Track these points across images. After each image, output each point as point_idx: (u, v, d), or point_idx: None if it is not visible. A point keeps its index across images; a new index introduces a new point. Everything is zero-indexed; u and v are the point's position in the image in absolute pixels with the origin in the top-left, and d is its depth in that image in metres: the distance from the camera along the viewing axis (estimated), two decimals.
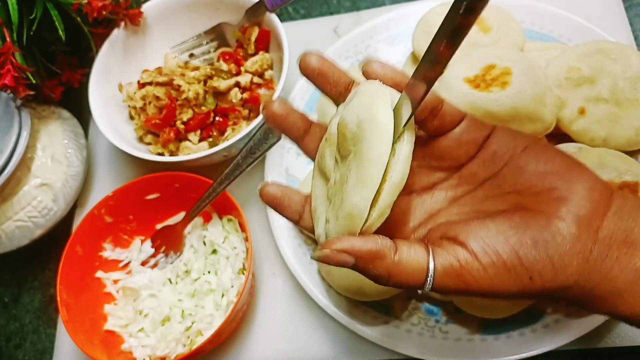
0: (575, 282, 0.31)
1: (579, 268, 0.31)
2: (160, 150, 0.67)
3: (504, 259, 0.31)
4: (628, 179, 0.50)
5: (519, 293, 0.31)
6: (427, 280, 0.31)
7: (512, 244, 0.31)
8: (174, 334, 0.58)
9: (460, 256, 0.31)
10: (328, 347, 0.58)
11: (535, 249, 0.31)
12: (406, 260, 0.31)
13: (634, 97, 0.55)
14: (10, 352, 0.67)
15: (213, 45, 0.74)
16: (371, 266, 0.32)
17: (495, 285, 0.31)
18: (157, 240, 0.65)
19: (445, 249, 0.32)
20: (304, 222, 0.37)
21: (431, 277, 0.31)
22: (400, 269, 0.31)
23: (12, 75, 0.60)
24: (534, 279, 0.31)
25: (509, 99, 0.53)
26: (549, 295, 0.32)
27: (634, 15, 0.68)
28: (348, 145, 0.33)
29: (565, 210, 0.31)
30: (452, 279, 0.31)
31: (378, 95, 0.32)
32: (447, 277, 0.31)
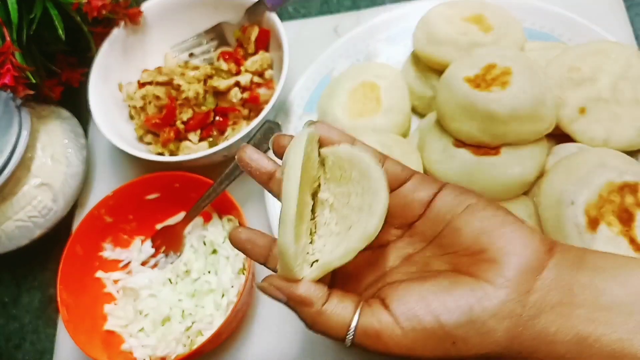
0: (506, 347, 0.30)
1: (509, 333, 0.30)
2: (160, 150, 0.67)
3: (424, 324, 0.31)
4: (628, 179, 0.50)
5: (444, 357, 0.31)
6: (347, 336, 0.32)
7: (433, 308, 0.31)
8: (174, 334, 0.58)
9: (382, 319, 0.32)
10: (328, 347, 0.58)
11: (458, 313, 0.30)
12: (330, 313, 0.32)
13: (634, 97, 0.55)
14: (10, 352, 0.67)
15: (213, 45, 0.74)
16: (298, 310, 0.34)
17: (416, 350, 0.31)
18: (157, 240, 0.65)
19: (372, 310, 0.32)
20: (269, 265, 0.37)
21: (351, 334, 0.32)
22: (323, 320, 0.32)
23: (11, 74, 0.60)
24: (457, 345, 0.30)
25: (509, 98, 0.53)
26: (482, 359, 0.31)
27: (635, 15, 0.68)
28: (348, 185, 0.34)
29: (493, 273, 0.31)
30: (372, 340, 0.32)
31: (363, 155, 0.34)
32: (366, 337, 0.32)
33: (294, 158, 0.32)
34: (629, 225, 0.48)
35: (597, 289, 0.29)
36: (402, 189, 0.35)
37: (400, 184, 0.35)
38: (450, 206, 0.33)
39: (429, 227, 0.34)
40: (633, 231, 0.47)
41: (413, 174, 0.35)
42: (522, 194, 0.56)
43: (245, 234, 0.38)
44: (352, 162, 0.33)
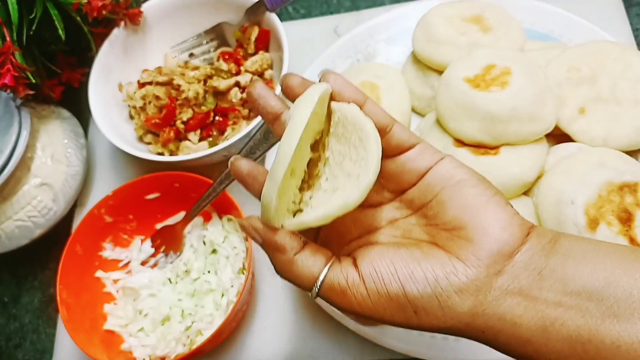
0: (468, 324, 0.31)
1: (472, 310, 0.30)
2: (160, 149, 0.67)
3: (388, 289, 0.31)
4: (628, 179, 0.50)
5: (405, 324, 0.32)
6: (313, 288, 0.33)
7: (400, 275, 0.31)
8: (174, 334, 0.58)
9: (349, 276, 0.32)
10: (328, 347, 0.58)
11: (424, 284, 0.31)
12: (300, 263, 0.33)
13: (634, 97, 0.55)
14: (10, 351, 0.67)
15: (213, 45, 0.74)
16: (271, 254, 0.34)
17: (378, 312, 0.32)
18: (157, 240, 0.65)
19: (341, 267, 0.33)
20: None
21: (317, 287, 0.33)
22: (293, 269, 0.33)
23: (12, 74, 0.60)
24: (419, 314, 0.31)
25: (509, 98, 0.53)
26: (443, 332, 0.32)
27: (634, 15, 0.68)
28: (346, 147, 0.34)
29: (467, 251, 0.31)
30: (337, 295, 0.33)
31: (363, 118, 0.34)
32: (331, 292, 0.33)
33: (300, 115, 0.32)
34: (629, 225, 0.48)
35: (566, 274, 0.29)
36: (403, 156, 0.34)
37: (403, 151, 0.35)
38: (443, 178, 0.34)
39: (418, 196, 0.34)
40: (632, 231, 0.47)
41: (418, 142, 0.35)
42: (522, 194, 0.56)
43: (247, 167, 0.38)
44: (355, 127, 0.33)
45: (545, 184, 0.54)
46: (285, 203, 0.34)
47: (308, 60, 0.71)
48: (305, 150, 0.35)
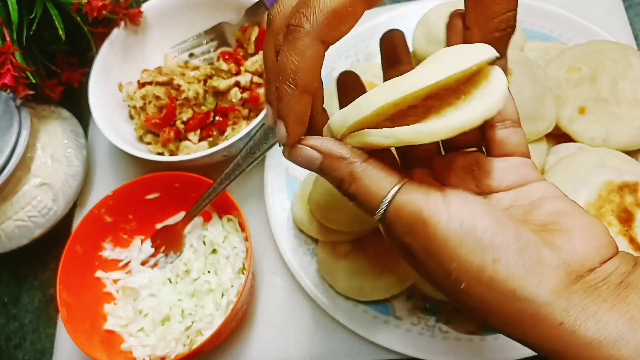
0: (546, 302, 0.27)
1: (555, 289, 0.28)
2: (160, 149, 0.67)
3: (475, 227, 0.28)
4: (627, 179, 0.50)
5: (474, 272, 0.28)
6: (379, 207, 0.30)
7: (493, 224, 0.28)
8: (174, 334, 0.58)
9: (430, 197, 0.29)
10: (328, 347, 0.58)
11: (516, 239, 0.28)
12: (368, 174, 0.30)
13: (634, 97, 0.55)
14: (10, 351, 0.67)
15: (213, 45, 0.74)
16: (335, 166, 0.31)
17: (447, 246, 0.28)
18: (157, 240, 0.65)
19: (420, 187, 0.29)
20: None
21: (384, 205, 0.29)
22: (358, 182, 0.30)
23: (12, 74, 0.60)
24: (496, 264, 0.27)
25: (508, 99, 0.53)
26: (502, 306, 0.28)
27: (634, 15, 0.68)
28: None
29: (563, 240, 0.29)
30: (405, 221, 0.29)
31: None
32: (400, 215, 0.29)
33: (451, 64, 0.29)
34: (629, 225, 0.48)
35: None
36: (503, 164, 0.34)
37: (506, 154, 0.34)
38: (545, 191, 0.32)
39: (510, 197, 0.33)
40: (633, 231, 0.47)
41: (525, 155, 0.34)
42: None
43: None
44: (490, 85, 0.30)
45: None
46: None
47: None
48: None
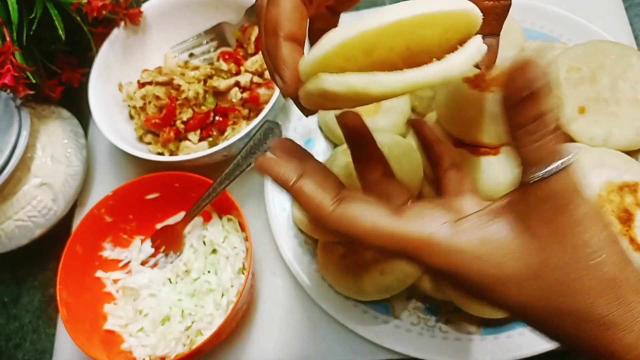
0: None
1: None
2: (160, 149, 0.67)
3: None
4: (627, 179, 0.50)
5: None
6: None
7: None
8: (174, 334, 0.58)
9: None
10: (328, 347, 0.58)
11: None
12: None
13: (634, 97, 0.55)
14: (10, 351, 0.67)
15: (213, 45, 0.74)
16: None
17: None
18: (157, 240, 0.65)
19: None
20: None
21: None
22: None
23: (12, 74, 0.60)
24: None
25: None
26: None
27: (634, 15, 0.68)
28: None
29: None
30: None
31: None
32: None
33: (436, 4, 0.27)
34: (629, 225, 0.48)
35: None
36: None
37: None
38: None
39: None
40: (633, 231, 0.47)
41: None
42: None
43: None
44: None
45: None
46: (336, 67, 0.28)
47: None
48: (403, 53, 0.29)
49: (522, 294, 0.29)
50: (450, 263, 0.30)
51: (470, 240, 0.29)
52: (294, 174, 0.32)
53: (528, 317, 0.30)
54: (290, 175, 0.32)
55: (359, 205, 0.31)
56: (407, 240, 0.30)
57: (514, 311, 0.30)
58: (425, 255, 0.30)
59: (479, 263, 0.29)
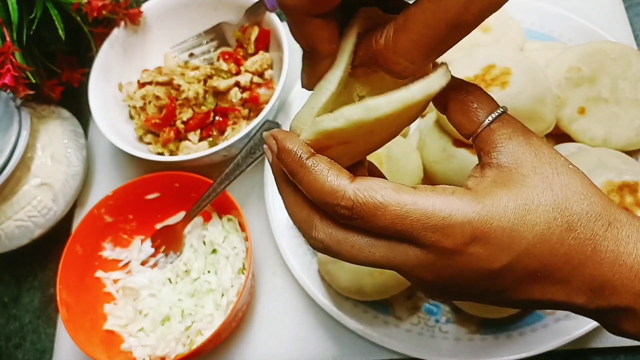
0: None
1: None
2: (160, 149, 0.67)
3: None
4: (627, 179, 0.50)
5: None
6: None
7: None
8: (174, 334, 0.58)
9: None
10: (328, 347, 0.58)
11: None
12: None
13: (634, 97, 0.55)
14: (10, 351, 0.67)
15: (213, 45, 0.74)
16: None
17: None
18: (157, 240, 0.65)
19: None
20: None
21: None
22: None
23: (12, 74, 0.60)
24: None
25: (509, 98, 0.53)
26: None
27: (634, 15, 0.68)
28: None
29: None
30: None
31: None
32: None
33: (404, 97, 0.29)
34: None
35: None
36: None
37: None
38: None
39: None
40: None
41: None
42: None
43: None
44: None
45: None
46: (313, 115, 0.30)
47: None
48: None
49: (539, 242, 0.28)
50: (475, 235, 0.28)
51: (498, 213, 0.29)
52: (307, 151, 0.30)
53: (567, 256, 0.29)
54: (304, 151, 0.30)
55: (377, 180, 0.30)
56: (433, 208, 0.28)
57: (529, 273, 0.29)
58: (456, 225, 0.28)
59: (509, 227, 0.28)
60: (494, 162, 0.30)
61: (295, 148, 0.30)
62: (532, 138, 0.31)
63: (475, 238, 0.28)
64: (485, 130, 0.31)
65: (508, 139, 0.31)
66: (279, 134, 0.31)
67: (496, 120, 0.31)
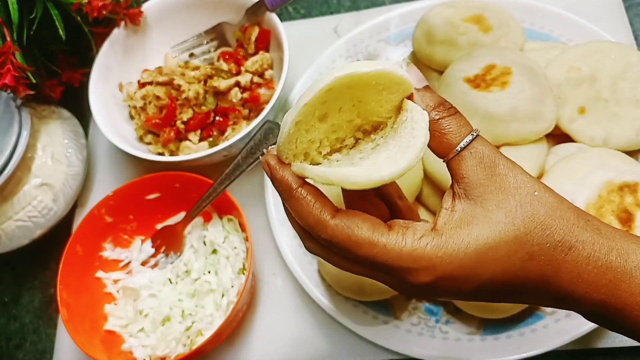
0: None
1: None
2: (160, 150, 0.67)
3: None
4: (627, 179, 0.50)
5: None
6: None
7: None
8: (174, 334, 0.58)
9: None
10: (328, 347, 0.58)
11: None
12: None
13: (634, 97, 0.55)
14: (10, 352, 0.67)
15: (213, 45, 0.74)
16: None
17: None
18: (157, 240, 0.65)
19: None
20: None
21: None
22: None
23: (12, 74, 0.60)
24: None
25: (509, 98, 0.53)
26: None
27: (634, 15, 0.68)
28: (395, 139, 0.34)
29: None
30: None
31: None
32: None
33: (364, 66, 0.31)
34: (629, 225, 0.48)
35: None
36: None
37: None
38: None
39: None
40: (632, 231, 0.47)
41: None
42: None
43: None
44: (413, 129, 0.33)
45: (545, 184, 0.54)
46: (305, 142, 0.33)
47: (308, 60, 0.71)
48: (352, 113, 0.34)
49: (516, 256, 0.31)
50: (445, 268, 0.31)
51: (454, 244, 0.32)
52: (296, 182, 0.33)
53: (529, 279, 0.32)
54: (294, 181, 0.33)
55: (356, 216, 0.33)
56: (401, 252, 0.32)
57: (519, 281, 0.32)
58: (421, 268, 0.32)
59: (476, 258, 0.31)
60: (462, 194, 0.33)
61: (286, 177, 0.33)
62: (498, 167, 0.33)
63: (440, 277, 0.31)
64: (455, 159, 0.34)
65: (474, 172, 0.33)
66: (271, 160, 0.34)
67: (466, 147, 0.33)
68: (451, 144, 0.33)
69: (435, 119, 0.33)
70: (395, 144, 0.33)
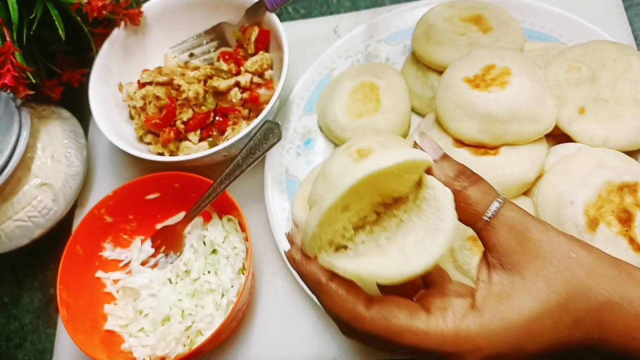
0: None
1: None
2: (160, 150, 0.67)
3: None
4: (627, 179, 0.50)
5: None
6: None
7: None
8: (174, 334, 0.58)
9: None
10: (328, 347, 0.58)
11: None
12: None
13: (634, 97, 0.55)
14: (10, 352, 0.67)
15: (213, 45, 0.74)
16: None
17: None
18: (157, 240, 0.65)
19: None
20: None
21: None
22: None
23: (12, 74, 0.60)
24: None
25: (508, 98, 0.53)
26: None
27: (634, 15, 0.68)
28: (421, 219, 0.34)
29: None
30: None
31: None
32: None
33: (382, 159, 0.32)
34: (629, 226, 0.48)
35: None
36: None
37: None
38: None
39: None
40: (632, 231, 0.47)
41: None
42: (522, 194, 0.56)
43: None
44: (438, 209, 0.33)
45: (545, 184, 0.54)
46: (330, 234, 0.33)
47: (308, 61, 0.71)
48: (373, 195, 0.34)
49: (562, 325, 0.31)
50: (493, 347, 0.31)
51: (497, 321, 0.31)
52: (324, 275, 0.33)
53: (578, 344, 0.31)
54: (322, 275, 0.33)
55: (391, 304, 0.32)
56: (444, 338, 0.31)
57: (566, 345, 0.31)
58: (467, 352, 0.31)
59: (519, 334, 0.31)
60: (497, 264, 0.32)
61: (314, 272, 0.33)
62: (530, 232, 0.32)
63: (486, 357, 0.31)
64: (484, 229, 0.33)
65: (507, 240, 0.32)
66: (296, 255, 0.34)
67: (495, 216, 0.32)
68: (478, 214, 0.33)
69: (458, 189, 0.33)
70: (421, 224, 0.33)
